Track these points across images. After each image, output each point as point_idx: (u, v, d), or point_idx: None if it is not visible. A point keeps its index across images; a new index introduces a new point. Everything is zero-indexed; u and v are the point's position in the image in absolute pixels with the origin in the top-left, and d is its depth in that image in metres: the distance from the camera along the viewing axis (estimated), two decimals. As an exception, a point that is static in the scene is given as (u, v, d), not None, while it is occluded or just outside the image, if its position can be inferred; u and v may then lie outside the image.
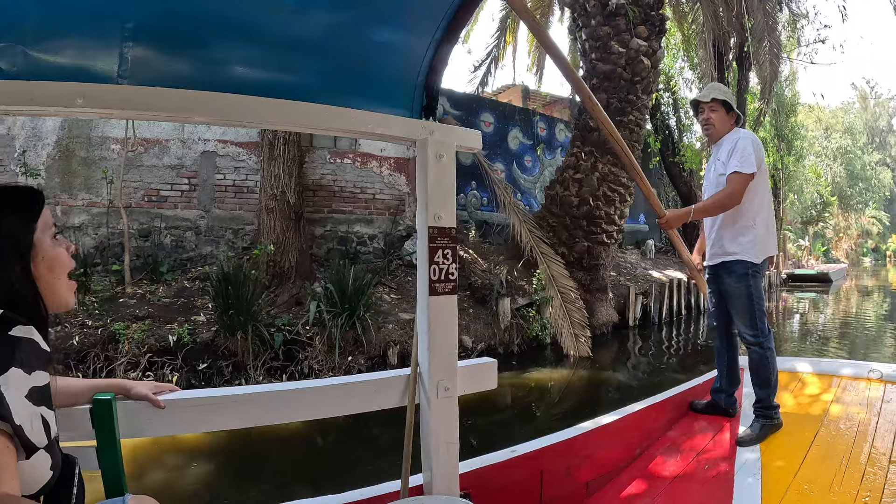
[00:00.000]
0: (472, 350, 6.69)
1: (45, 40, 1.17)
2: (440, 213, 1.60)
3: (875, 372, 3.38)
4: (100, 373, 5.65)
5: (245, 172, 8.97)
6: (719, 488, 2.23)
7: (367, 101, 1.55)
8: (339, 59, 1.51)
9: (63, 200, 8.30)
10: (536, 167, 12.85)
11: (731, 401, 3.00)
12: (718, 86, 3.01)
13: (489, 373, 1.84)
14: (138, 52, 1.25)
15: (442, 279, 1.62)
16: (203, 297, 7.20)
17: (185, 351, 5.81)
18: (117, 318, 6.25)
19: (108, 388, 1.32)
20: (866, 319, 12.83)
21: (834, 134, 41.34)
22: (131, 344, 5.83)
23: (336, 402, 1.62)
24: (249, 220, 8.82)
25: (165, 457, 4.08)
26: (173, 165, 8.72)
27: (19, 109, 1.19)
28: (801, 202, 28.76)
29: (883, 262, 44.85)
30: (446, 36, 1.54)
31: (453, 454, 1.66)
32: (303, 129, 1.55)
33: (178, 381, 5.63)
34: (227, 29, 1.32)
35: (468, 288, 7.64)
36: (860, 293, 20.69)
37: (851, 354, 8.22)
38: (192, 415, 1.42)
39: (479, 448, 2.65)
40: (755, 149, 2.73)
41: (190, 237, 8.74)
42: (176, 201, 8.74)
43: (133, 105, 1.24)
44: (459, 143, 1.68)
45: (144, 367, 5.74)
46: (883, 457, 2.38)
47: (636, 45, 8.30)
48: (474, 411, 5.36)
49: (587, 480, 2.31)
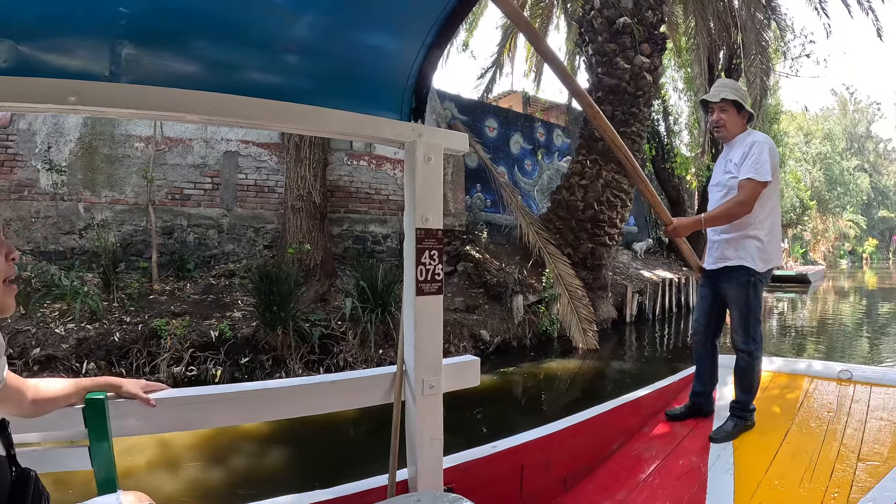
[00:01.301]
0: (490, 343, 7.23)
1: (38, 36, 1.16)
2: (427, 214, 1.62)
3: (845, 372, 3.44)
4: (143, 368, 5.90)
5: (266, 172, 9.28)
6: (693, 483, 2.29)
7: (356, 103, 1.57)
8: (330, 61, 1.53)
9: (86, 197, 8.39)
10: (536, 170, 13.41)
11: (710, 400, 3.02)
12: (728, 83, 2.85)
13: (472, 370, 1.86)
14: (131, 50, 1.25)
15: (428, 279, 1.63)
16: (232, 294, 7.48)
17: (227, 346, 6.09)
18: (154, 314, 6.49)
19: (98, 387, 1.32)
20: (842, 318, 13.62)
21: (814, 140, 42.66)
22: (173, 339, 6.10)
23: (324, 400, 1.65)
24: (270, 218, 9.15)
25: (157, 454, 4.12)
26: (196, 164, 8.96)
27: (10, 106, 1.18)
28: (781, 206, 29.71)
29: (859, 264, 46.39)
30: (437, 41, 1.55)
31: (437, 449, 1.69)
32: (293, 130, 1.51)
33: (221, 375, 5.97)
34: (219, 29, 1.33)
35: (483, 286, 8.17)
36: (837, 294, 21.64)
37: (828, 351, 8.85)
38: (183, 413, 1.43)
39: (505, 429, 3.01)
40: (771, 155, 2.63)
41: (213, 235, 8.99)
42: (199, 200, 8.98)
43: (125, 103, 1.25)
44: (447, 145, 1.71)
45: (187, 361, 6.01)
46: (851, 454, 2.45)
47: (640, 61, 8.89)
48: (499, 397, 5.94)
49: (566, 475, 2.36)
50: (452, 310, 7.41)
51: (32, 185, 8.01)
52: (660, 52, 9.39)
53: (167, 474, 3.86)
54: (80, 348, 5.82)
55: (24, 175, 7.95)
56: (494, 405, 5.65)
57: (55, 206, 8.05)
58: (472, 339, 7.16)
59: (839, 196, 42.55)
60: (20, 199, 7.94)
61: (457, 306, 7.54)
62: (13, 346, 5.56)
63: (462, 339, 7.02)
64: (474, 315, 7.47)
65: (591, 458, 2.51)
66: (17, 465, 0.96)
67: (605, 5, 9.07)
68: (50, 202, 8.05)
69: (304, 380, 1.66)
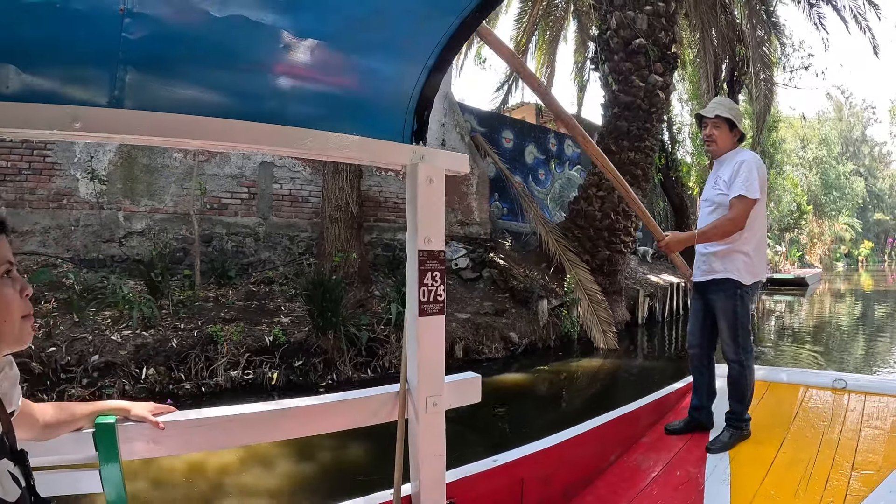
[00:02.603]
0: (519, 345, 7.78)
1: (40, 62, 1.18)
2: (430, 236, 1.64)
3: (840, 381, 3.45)
4: (201, 373, 6.08)
5: (300, 183, 9.72)
6: (691, 494, 2.31)
7: (358, 127, 1.58)
8: (331, 85, 1.54)
9: (125, 206, 8.60)
10: (549, 180, 13.97)
11: (709, 414, 3.02)
12: (723, 101, 2.96)
13: (474, 387, 1.88)
14: (134, 76, 1.27)
15: (431, 300, 1.65)
16: (274, 300, 7.76)
17: (281, 350, 6.38)
18: (205, 320, 6.70)
19: (107, 411, 1.33)
20: (840, 320, 14.20)
21: (810, 144, 43.35)
22: (230, 344, 6.30)
23: (329, 420, 1.66)
24: (304, 227, 9.59)
25: (160, 475, 4.11)
26: (234, 175, 9.29)
27: (15, 132, 1.19)
28: (779, 210, 30.34)
29: (855, 266, 47.18)
30: (438, 64, 1.57)
31: (440, 465, 1.72)
32: (294, 154, 1.56)
33: (277, 378, 6.25)
34: (220, 54, 1.34)
35: (508, 291, 8.72)
36: (835, 296, 22.19)
37: (828, 353, 9.26)
38: (192, 435, 1.44)
39: (539, 421, 3.20)
40: (759, 173, 2.71)
41: (250, 243, 9.32)
42: (236, 209, 9.32)
43: (129, 129, 1.27)
44: (448, 167, 1.72)
45: (244, 365, 6.24)
46: (846, 464, 2.47)
47: (653, 80, 9.47)
48: (534, 393, 6.52)
49: (565, 486, 2.39)
50: (483, 314, 7.95)
51: (71, 194, 8.19)
52: (671, 70, 9.99)
53: (169, 493, 3.88)
54: (138, 354, 5.97)
55: (62, 184, 8.16)
56: (532, 399, 6.24)
57: (96, 214, 8.26)
58: (503, 340, 7.70)
59: (835, 200, 43.24)
60: (59, 207, 8.12)
61: (486, 310, 8.09)
62: (71, 353, 5.68)
63: (494, 340, 7.57)
64: (503, 318, 8.01)
65: (589, 469, 2.54)
66: (37, 496, 1.00)
67: (621, 25, 9.63)
68: (90, 211, 8.26)
69: (309, 400, 1.66)
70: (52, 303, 6.37)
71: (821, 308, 17.61)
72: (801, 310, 17.16)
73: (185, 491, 3.97)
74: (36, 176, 8.04)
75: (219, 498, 3.90)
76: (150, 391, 5.76)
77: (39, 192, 8.03)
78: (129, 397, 5.30)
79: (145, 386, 5.80)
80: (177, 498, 3.88)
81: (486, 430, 5.07)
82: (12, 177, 7.89)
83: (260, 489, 4.01)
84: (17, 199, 7.87)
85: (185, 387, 5.97)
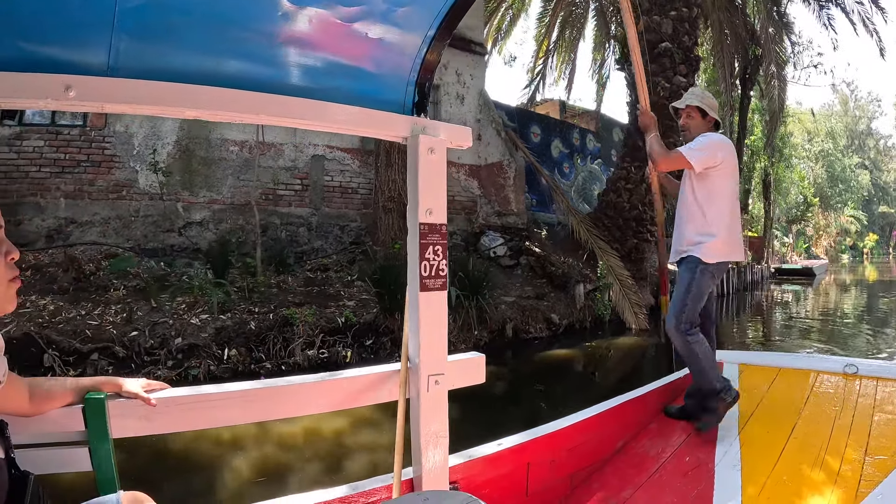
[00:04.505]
0: (559, 326, 8.53)
1: (35, 31, 1.16)
2: (431, 208, 1.61)
3: (851, 367, 3.38)
4: (280, 353, 6.34)
5: (349, 175, 10.27)
6: (700, 480, 2.28)
7: (359, 98, 1.56)
8: (330, 55, 1.51)
9: (184, 197, 8.84)
10: (572, 173, 14.68)
11: None
12: (695, 91, 3.03)
13: (478, 366, 1.83)
14: (128, 44, 1.24)
15: (432, 275, 1.62)
16: (333, 286, 8.12)
17: (352, 330, 6.75)
18: (277, 304, 6.99)
19: (98, 386, 1.30)
20: (847, 308, 14.75)
21: (816, 138, 43.84)
22: (304, 326, 6.60)
23: (328, 398, 1.61)
24: (354, 217, 10.17)
25: (155, 454, 4.00)
26: (287, 167, 9.71)
27: (9, 102, 1.17)
28: (786, 203, 30.94)
29: (860, 258, 47.89)
30: (439, 34, 1.55)
31: (443, 447, 1.68)
32: (293, 124, 1.52)
33: (351, 356, 6.59)
34: (217, 22, 1.32)
35: (546, 277, 9.47)
36: (842, 286, 22.67)
37: (831, 339, 9.49)
38: (184, 412, 1.39)
39: (591, 389, 3.27)
40: (715, 152, 2.77)
41: (303, 232, 9.76)
42: (290, 200, 9.76)
43: (124, 98, 1.25)
44: (450, 139, 1.69)
45: (318, 345, 6.57)
46: (859, 449, 2.43)
47: (678, 81, 10.15)
48: (581, 366, 7.29)
49: (571, 472, 2.34)
50: (525, 297, 8.70)
51: (131, 186, 8.43)
52: (693, 72, 10.67)
53: (166, 474, 3.81)
54: (219, 336, 6.21)
55: (122, 175, 8.40)
56: (578, 373, 7.00)
57: (158, 205, 8.53)
58: (546, 321, 8.45)
59: (840, 192, 43.83)
60: (119, 198, 8.35)
61: (528, 294, 8.84)
62: (153, 337, 5.93)
63: (538, 321, 8.32)
64: (544, 301, 8.76)
65: (596, 455, 2.50)
66: (17, 468, 0.97)
67: (648, 29, 10.29)
68: (150, 202, 8.54)
69: (308, 377, 1.61)
70: (122, 290, 6.74)
71: (831, 297, 18.10)
72: (812, 298, 17.66)
73: (174, 469, 3.89)
74: (95, 168, 8.28)
75: (203, 476, 3.82)
76: (234, 371, 6.05)
77: (98, 183, 8.26)
78: (215, 377, 5.80)
79: (228, 366, 6.07)
80: (167, 476, 3.77)
81: (550, 402, 5.75)
82: (70, 169, 8.11)
83: (246, 472, 3.89)
84: (76, 191, 8.11)
85: (266, 366, 6.27)
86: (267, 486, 3.66)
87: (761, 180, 22.98)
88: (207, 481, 3.76)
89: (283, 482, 3.74)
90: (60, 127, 8.20)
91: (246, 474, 3.87)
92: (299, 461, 4.12)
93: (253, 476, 3.83)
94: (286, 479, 3.80)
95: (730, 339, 9.22)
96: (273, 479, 3.79)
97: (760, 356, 3.81)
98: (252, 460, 4.08)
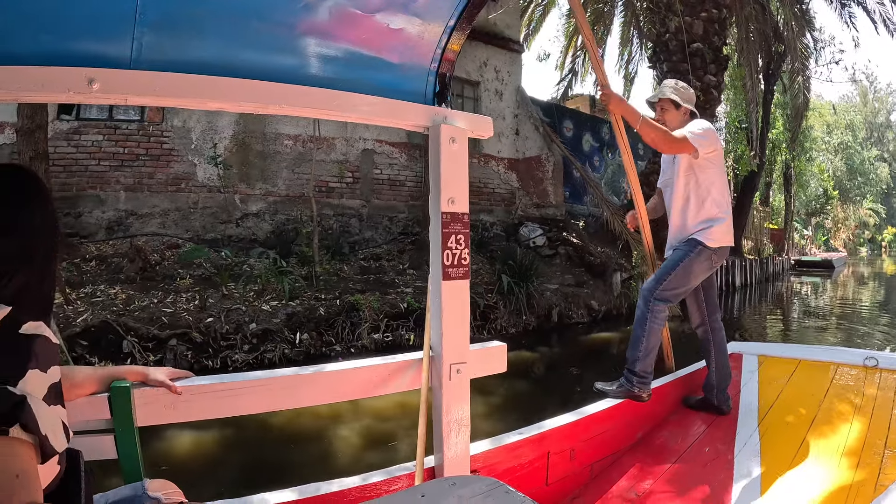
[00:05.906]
0: (599, 312, 9.14)
1: (57, 25, 1.16)
2: (454, 197, 1.61)
3: (871, 359, 3.35)
4: (348, 337, 6.60)
5: (398, 168, 10.73)
6: (720, 470, 2.28)
7: (381, 89, 1.57)
8: (352, 45, 1.51)
9: (241, 189, 9.14)
10: (602, 166, 15.18)
11: (724, 397, 2.91)
12: (669, 83, 2.98)
13: (499, 356, 1.84)
14: (151, 37, 1.24)
15: (455, 264, 1.62)
16: (388, 274, 8.52)
17: (414, 315, 7.08)
18: (341, 291, 7.30)
19: (124, 375, 1.31)
20: (865, 301, 15.06)
21: (835, 130, 43.74)
22: (370, 311, 6.90)
23: (351, 387, 1.62)
24: (402, 209, 10.66)
25: (179, 442, 4.03)
26: (338, 161, 10.00)
27: (33, 96, 1.17)
28: (806, 195, 31.17)
29: (879, 251, 47.86)
30: (459, 24, 1.55)
31: (465, 435, 1.69)
32: (316, 115, 1.52)
33: (413, 339, 6.85)
34: (239, 14, 1.32)
35: (584, 266, 10.10)
36: (860, 279, 22.93)
37: (850, 330, 9.53)
38: (210, 401, 1.41)
39: None
40: (710, 132, 2.73)
41: (354, 223, 10.23)
42: (342, 192, 10.19)
43: (147, 90, 1.25)
44: (472, 129, 1.69)
45: (383, 329, 6.89)
46: (879, 441, 2.41)
47: (708, 80, 10.64)
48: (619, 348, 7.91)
49: (591, 462, 2.34)
50: (567, 285, 9.32)
51: (189, 178, 8.70)
52: (722, 71, 11.15)
53: (192, 462, 3.84)
54: (290, 322, 6.43)
55: (180, 169, 8.65)
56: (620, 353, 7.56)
57: (216, 197, 8.87)
58: (586, 308, 9.08)
59: (859, 185, 43.79)
60: (177, 190, 8.62)
61: (569, 282, 9.47)
62: (228, 323, 6.07)
63: (579, 307, 8.94)
64: (584, 289, 9.39)
65: (616, 445, 2.51)
66: (70, 449, 0.97)
67: (679, 30, 10.80)
68: (208, 194, 8.85)
69: (331, 366, 1.63)
70: (188, 279, 7.00)
71: (850, 289, 18.35)
72: (830, 290, 17.88)
73: (201, 456, 3.92)
74: (154, 161, 8.53)
75: (227, 464, 3.87)
76: (306, 353, 6.30)
77: (158, 176, 8.53)
78: (289, 360, 6.11)
79: (301, 349, 6.30)
80: (192, 464, 3.79)
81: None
82: (129, 162, 8.37)
83: (269, 459, 3.93)
84: (136, 184, 8.40)
85: (336, 348, 6.55)
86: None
87: (782, 173, 23.33)
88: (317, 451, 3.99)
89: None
90: (118, 122, 8.47)
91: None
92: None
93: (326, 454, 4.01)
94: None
95: (753, 329, 9.64)
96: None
97: (780, 348, 3.85)
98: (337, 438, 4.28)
